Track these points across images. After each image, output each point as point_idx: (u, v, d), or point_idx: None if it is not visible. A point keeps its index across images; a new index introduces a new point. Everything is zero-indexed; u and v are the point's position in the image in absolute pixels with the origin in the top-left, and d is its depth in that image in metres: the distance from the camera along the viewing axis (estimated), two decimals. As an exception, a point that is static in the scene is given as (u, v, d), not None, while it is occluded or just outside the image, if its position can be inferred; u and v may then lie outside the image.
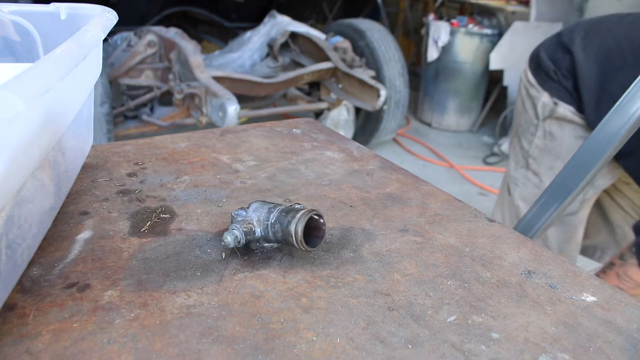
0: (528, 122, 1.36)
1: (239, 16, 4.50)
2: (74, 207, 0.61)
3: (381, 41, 3.45)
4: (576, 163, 0.72)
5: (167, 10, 4.20)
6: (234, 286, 0.49)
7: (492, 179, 3.39)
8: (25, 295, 0.45)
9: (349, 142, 0.87)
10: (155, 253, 0.53)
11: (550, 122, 1.30)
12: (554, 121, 1.29)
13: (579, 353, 0.43)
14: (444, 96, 4.27)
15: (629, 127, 0.67)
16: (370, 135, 3.57)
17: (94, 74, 0.62)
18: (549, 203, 0.75)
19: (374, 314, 0.46)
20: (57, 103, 0.45)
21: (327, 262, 0.53)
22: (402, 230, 0.60)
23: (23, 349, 0.39)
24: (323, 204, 0.65)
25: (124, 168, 0.72)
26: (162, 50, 3.08)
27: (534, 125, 1.33)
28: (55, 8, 0.66)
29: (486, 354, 0.42)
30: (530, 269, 0.54)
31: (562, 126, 1.29)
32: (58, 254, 0.52)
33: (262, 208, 0.53)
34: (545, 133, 1.31)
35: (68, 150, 0.58)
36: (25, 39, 0.67)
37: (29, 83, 0.35)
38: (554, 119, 1.29)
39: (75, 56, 0.45)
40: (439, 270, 0.53)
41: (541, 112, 1.30)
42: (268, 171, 0.74)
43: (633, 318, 0.48)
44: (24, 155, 0.38)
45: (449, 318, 0.46)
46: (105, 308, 0.44)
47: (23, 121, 0.36)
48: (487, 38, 4.03)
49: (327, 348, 0.42)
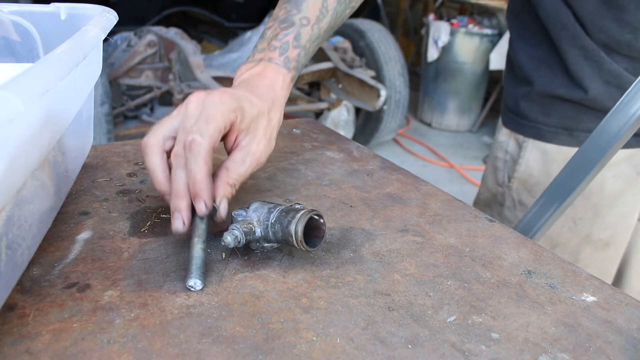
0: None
1: (239, 16, 4.50)
2: (74, 207, 0.61)
3: (381, 41, 3.45)
4: (576, 163, 0.72)
5: (167, 10, 4.21)
6: (234, 286, 0.49)
7: (492, 179, 3.38)
8: (25, 295, 0.45)
9: (349, 142, 0.87)
10: (155, 253, 0.53)
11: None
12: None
13: (579, 353, 0.43)
14: (444, 96, 4.28)
15: (629, 127, 0.66)
16: (370, 135, 3.58)
17: (94, 74, 0.62)
18: (549, 203, 0.75)
19: (374, 314, 0.46)
20: (57, 103, 0.45)
21: (327, 262, 0.53)
22: (402, 230, 0.60)
23: (23, 348, 0.39)
24: (323, 204, 0.65)
25: (124, 168, 0.72)
26: (162, 51, 3.09)
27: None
28: (55, 8, 0.66)
29: (486, 354, 0.42)
30: (530, 269, 0.54)
31: None
32: (58, 254, 0.52)
33: (263, 208, 0.53)
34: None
35: (68, 151, 0.58)
36: (25, 39, 0.67)
37: (29, 83, 0.35)
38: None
39: (75, 56, 0.46)
40: (439, 270, 0.53)
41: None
42: (268, 171, 0.74)
43: (633, 318, 0.48)
44: (24, 155, 0.38)
45: (449, 318, 0.46)
46: (105, 308, 0.44)
47: (23, 121, 0.36)
48: (487, 38, 4.03)
49: (327, 348, 0.42)
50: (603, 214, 0.91)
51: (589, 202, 0.90)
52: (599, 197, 0.90)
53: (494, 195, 1.01)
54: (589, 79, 0.84)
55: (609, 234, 0.93)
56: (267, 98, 0.60)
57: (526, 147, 0.93)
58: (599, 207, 0.91)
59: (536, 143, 0.92)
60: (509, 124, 0.97)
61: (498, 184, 1.00)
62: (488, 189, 1.03)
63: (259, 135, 0.58)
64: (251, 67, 0.64)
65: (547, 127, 0.90)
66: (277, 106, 0.62)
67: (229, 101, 0.54)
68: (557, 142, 0.90)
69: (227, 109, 0.53)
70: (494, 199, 1.02)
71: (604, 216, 0.91)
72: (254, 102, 0.58)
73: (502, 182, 0.99)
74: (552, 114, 0.90)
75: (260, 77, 0.63)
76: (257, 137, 0.57)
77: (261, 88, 0.61)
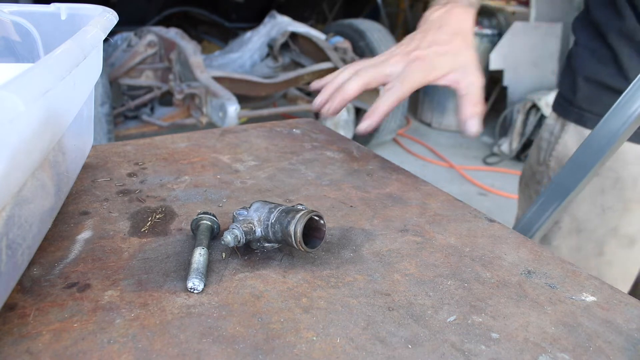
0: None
1: (239, 16, 4.50)
2: (74, 207, 0.61)
3: (381, 41, 3.46)
4: (575, 163, 0.72)
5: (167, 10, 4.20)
6: (234, 286, 0.49)
7: (492, 179, 3.39)
8: (25, 295, 0.45)
9: (349, 142, 0.87)
10: (155, 253, 0.53)
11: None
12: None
13: (578, 353, 0.43)
14: (444, 96, 4.28)
15: (629, 126, 0.66)
16: (370, 135, 3.58)
17: (95, 74, 0.62)
18: (548, 203, 0.75)
19: (374, 313, 0.46)
20: (57, 103, 0.46)
21: (327, 262, 0.53)
22: (402, 230, 0.60)
23: (23, 348, 0.40)
24: (323, 204, 0.66)
25: (124, 168, 0.72)
26: (162, 51, 3.09)
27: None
28: (56, 8, 0.66)
29: (486, 354, 0.42)
30: (530, 269, 0.54)
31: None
32: (58, 254, 0.52)
33: (263, 208, 0.53)
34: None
35: (68, 151, 0.58)
36: (26, 39, 0.67)
37: (29, 83, 0.35)
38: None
39: (76, 56, 0.46)
40: (439, 270, 0.53)
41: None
42: (268, 171, 0.74)
43: (633, 318, 0.48)
44: (24, 156, 0.38)
45: (449, 318, 0.46)
46: (106, 308, 0.44)
47: (23, 121, 0.36)
48: (487, 38, 4.03)
49: (327, 348, 0.42)
50: (632, 209, 0.93)
51: (621, 194, 0.92)
52: (632, 192, 0.91)
53: (534, 174, 1.07)
54: (636, 71, 0.87)
55: (636, 230, 0.95)
56: (454, 37, 0.73)
57: (567, 130, 0.98)
58: (630, 201, 0.92)
59: (577, 127, 0.96)
60: (557, 109, 1.02)
61: (539, 163, 1.06)
62: (530, 167, 1.10)
63: (468, 69, 0.72)
64: (440, 8, 0.77)
65: (590, 114, 0.94)
66: (467, 38, 0.74)
67: (424, 68, 0.71)
68: None
69: (422, 76, 0.70)
70: (533, 176, 1.08)
71: (633, 211, 0.93)
72: (445, 51, 0.72)
73: (543, 160, 1.05)
74: (597, 103, 0.93)
75: (448, 16, 0.75)
76: (468, 71, 0.72)
77: (448, 28, 0.74)
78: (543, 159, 1.04)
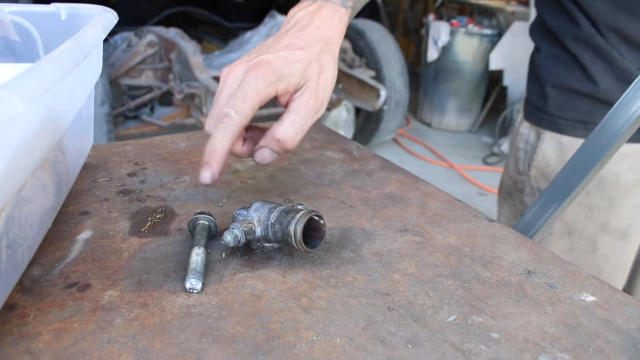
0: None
1: (239, 16, 4.50)
2: (74, 207, 0.61)
3: (381, 41, 3.46)
4: (576, 163, 0.72)
5: (167, 10, 4.21)
6: (234, 286, 0.49)
7: (492, 179, 3.39)
8: (25, 295, 0.45)
9: (349, 142, 0.87)
10: (155, 253, 0.53)
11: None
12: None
13: (578, 353, 0.43)
14: (444, 96, 4.28)
15: (629, 127, 0.67)
16: (370, 135, 3.58)
17: (95, 74, 0.62)
18: (548, 203, 0.75)
19: (374, 313, 0.46)
20: (57, 103, 0.46)
21: (327, 262, 0.53)
22: (402, 230, 0.60)
23: (23, 348, 0.40)
24: (323, 204, 0.66)
25: (124, 168, 0.72)
26: (162, 51, 3.09)
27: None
28: (56, 8, 0.66)
29: (486, 353, 0.42)
30: (530, 269, 0.54)
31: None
32: (58, 254, 0.52)
33: (263, 208, 0.53)
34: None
35: (68, 150, 0.58)
36: (26, 39, 0.67)
37: (29, 83, 0.35)
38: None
39: (76, 56, 0.46)
40: (439, 270, 0.53)
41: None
42: (268, 171, 0.74)
43: (633, 318, 0.48)
44: (24, 155, 0.38)
45: (449, 318, 0.46)
46: (106, 308, 0.44)
47: (23, 121, 0.36)
48: (487, 38, 4.04)
49: (327, 348, 0.42)
50: (618, 205, 0.94)
51: (604, 192, 0.93)
52: (615, 188, 0.93)
53: (515, 183, 1.07)
54: (601, 74, 0.88)
55: (626, 224, 0.96)
56: (314, 43, 0.58)
57: (543, 139, 0.98)
58: (615, 197, 0.93)
59: (553, 135, 0.96)
60: (530, 118, 1.01)
61: (519, 173, 1.06)
62: (510, 177, 1.09)
63: (308, 90, 0.57)
64: (306, 6, 0.62)
65: (564, 121, 0.94)
66: (330, 46, 0.60)
67: (267, 75, 0.54)
68: (574, 135, 0.94)
69: (265, 84, 0.53)
70: (514, 186, 1.08)
71: (619, 206, 0.94)
72: (297, 59, 0.56)
73: (522, 170, 1.04)
74: (569, 109, 0.93)
75: (312, 17, 0.60)
76: (306, 94, 0.57)
77: (309, 30, 0.59)
78: (522, 169, 1.04)
